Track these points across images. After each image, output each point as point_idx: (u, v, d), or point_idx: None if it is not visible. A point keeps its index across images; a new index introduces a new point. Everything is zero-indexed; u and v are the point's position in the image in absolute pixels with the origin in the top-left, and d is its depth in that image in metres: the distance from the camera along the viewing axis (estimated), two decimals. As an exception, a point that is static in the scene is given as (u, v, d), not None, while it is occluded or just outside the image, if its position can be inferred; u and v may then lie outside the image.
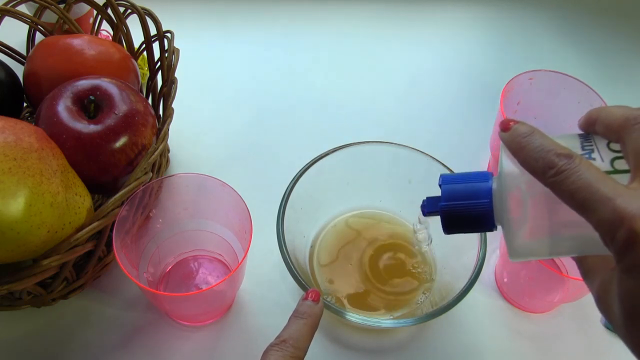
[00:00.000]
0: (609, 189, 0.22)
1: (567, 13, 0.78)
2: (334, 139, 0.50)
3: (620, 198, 0.21)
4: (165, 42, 0.51)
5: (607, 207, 0.21)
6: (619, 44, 0.75)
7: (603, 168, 0.25)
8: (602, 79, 0.69)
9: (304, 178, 0.46)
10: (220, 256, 0.49)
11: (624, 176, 0.24)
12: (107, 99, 0.43)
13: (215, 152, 0.58)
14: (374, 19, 0.74)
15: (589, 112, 0.27)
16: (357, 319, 0.40)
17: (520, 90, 0.54)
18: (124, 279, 0.47)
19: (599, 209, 0.22)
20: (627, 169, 0.24)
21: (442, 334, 0.48)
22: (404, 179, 0.50)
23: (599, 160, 0.26)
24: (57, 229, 0.37)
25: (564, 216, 0.25)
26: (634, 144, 0.23)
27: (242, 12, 0.73)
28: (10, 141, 0.35)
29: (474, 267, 0.42)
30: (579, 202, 0.23)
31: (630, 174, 0.24)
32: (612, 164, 0.25)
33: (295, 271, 0.41)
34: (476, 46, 0.72)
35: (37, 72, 0.47)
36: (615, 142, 0.26)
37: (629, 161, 0.24)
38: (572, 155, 0.24)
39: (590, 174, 0.23)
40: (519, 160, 0.26)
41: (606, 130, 0.26)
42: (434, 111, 0.64)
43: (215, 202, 0.43)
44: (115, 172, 0.42)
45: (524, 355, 0.47)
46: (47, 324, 0.46)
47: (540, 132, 0.26)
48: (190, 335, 0.46)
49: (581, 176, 0.23)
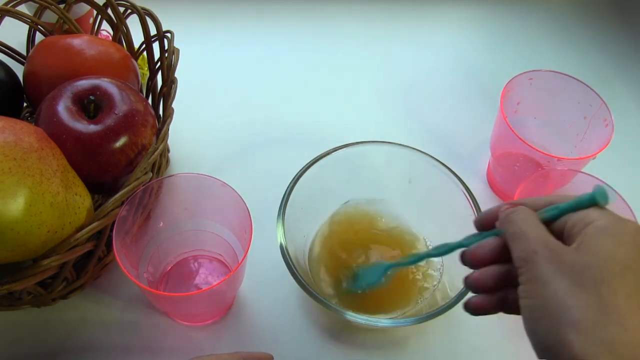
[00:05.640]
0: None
1: (567, 13, 0.78)
2: (333, 139, 0.50)
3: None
4: (165, 42, 0.51)
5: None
6: (619, 44, 0.75)
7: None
8: (602, 79, 0.69)
9: (304, 178, 0.46)
10: (220, 256, 0.49)
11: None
12: (107, 99, 0.43)
13: (215, 152, 0.58)
14: (374, 19, 0.74)
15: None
16: (357, 319, 0.40)
17: (520, 90, 0.54)
18: (124, 279, 0.47)
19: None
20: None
21: (442, 334, 0.48)
22: (404, 179, 0.50)
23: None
24: (57, 229, 0.37)
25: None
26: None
27: (242, 12, 0.73)
28: (10, 141, 0.35)
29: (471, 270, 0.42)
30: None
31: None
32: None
33: (295, 271, 0.41)
34: (476, 46, 0.72)
35: (37, 72, 0.47)
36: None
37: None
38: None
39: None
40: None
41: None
42: (434, 111, 0.64)
43: (215, 202, 0.43)
44: (115, 172, 0.42)
45: (524, 355, 0.47)
46: (47, 324, 0.46)
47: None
48: (190, 335, 0.46)
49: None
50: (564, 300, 0.26)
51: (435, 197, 0.49)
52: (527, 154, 0.51)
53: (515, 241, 0.29)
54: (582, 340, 0.25)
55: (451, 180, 0.47)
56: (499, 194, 0.57)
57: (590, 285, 0.26)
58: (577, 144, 0.54)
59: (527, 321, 0.28)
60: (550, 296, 0.26)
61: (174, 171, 0.56)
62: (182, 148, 0.58)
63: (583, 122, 0.53)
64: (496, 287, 0.32)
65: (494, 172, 0.57)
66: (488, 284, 0.32)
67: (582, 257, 0.27)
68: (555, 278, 0.27)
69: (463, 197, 0.46)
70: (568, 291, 0.26)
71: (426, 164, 0.48)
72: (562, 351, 0.25)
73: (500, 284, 0.31)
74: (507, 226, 0.30)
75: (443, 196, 0.48)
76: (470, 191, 0.46)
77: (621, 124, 0.52)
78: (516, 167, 0.54)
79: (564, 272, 0.27)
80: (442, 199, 0.48)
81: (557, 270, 0.27)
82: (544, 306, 0.27)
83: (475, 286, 0.32)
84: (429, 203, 0.50)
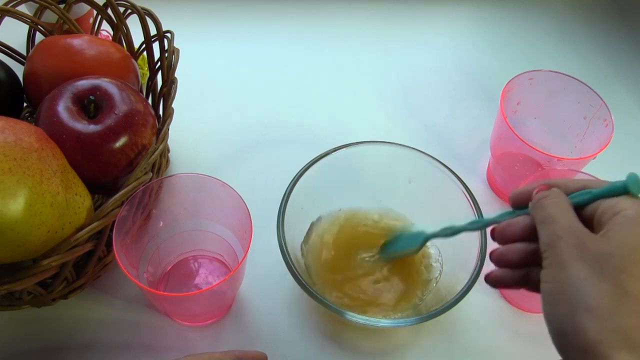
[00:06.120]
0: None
1: (567, 13, 0.78)
2: (333, 139, 0.50)
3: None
4: (165, 42, 0.51)
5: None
6: (619, 44, 0.75)
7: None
8: (602, 79, 0.69)
9: (304, 178, 0.46)
10: (220, 256, 0.49)
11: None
12: (107, 99, 0.43)
13: (215, 152, 0.58)
14: (374, 19, 0.74)
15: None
16: (357, 319, 0.40)
17: (520, 90, 0.54)
18: (124, 279, 0.47)
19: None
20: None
21: (442, 334, 0.48)
22: (404, 179, 0.50)
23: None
24: (57, 229, 0.37)
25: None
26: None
27: (242, 12, 0.73)
28: (10, 141, 0.35)
29: (474, 267, 0.42)
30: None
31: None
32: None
33: (296, 271, 0.41)
34: (476, 46, 0.72)
35: (37, 72, 0.47)
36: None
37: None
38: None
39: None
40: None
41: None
42: (434, 111, 0.64)
43: (215, 202, 0.43)
44: (115, 172, 0.42)
45: (524, 355, 0.47)
46: (47, 324, 0.46)
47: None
48: (190, 335, 0.46)
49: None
50: (583, 286, 0.26)
51: (436, 197, 0.49)
52: (527, 154, 0.51)
53: (543, 225, 0.30)
54: (597, 327, 0.25)
55: (451, 180, 0.47)
56: (499, 194, 0.57)
57: (611, 274, 0.26)
58: (577, 144, 0.54)
59: (545, 305, 0.28)
60: (570, 281, 0.27)
61: (174, 171, 0.56)
62: (182, 148, 0.58)
63: (583, 122, 0.53)
64: (520, 264, 0.32)
65: (494, 172, 0.57)
66: (513, 260, 0.32)
67: (606, 245, 0.27)
68: (577, 264, 0.27)
69: (463, 197, 0.46)
70: (588, 277, 0.26)
71: (426, 164, 0.48)
72: (577, 336, 0.26)
73: (525, 261, 0.32)
74: (538, 210, 0.31)
75: (443, 196, 0.48)
76: (470, 191, 0.46)
77: (621, 124, 0.52)
78: (516, 167, 0.54)
79: (586, 259, 0.27)
80: (442, 199, 0.48)
81: (579, 257, 0.27)
82: (563, 291, 0.27)
83: (500, 260, 0.33)
84: (429, 203, 0.50)
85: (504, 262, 0.33)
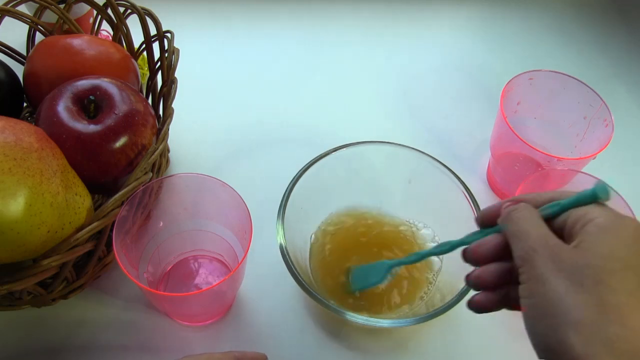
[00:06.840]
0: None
1: (567, 13, 0.78)
2: (333, 139, 0.50)
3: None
4: (165, 42, 0.51)
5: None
6: (619, 44, 0.75)
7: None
8: (602, 79, 0.69)
9: (304, 178, 0.46)
10: (220, 256, 0.49)
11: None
12: (107, 99, 0.43)
13: (215, 152, 0.58)
14: (374, 19, 0.74)
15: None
16: (357, 319, 0.40)
17: (520, 90, 0.54)
18: (124, 279, 0.47)
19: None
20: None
21: (442, 334, 0.48)
22: (404, 179, 0.50)
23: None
24: (57, 229, 0.37)
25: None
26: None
27: (242, 12, 0.73)
28: (10, 141, 0.35)
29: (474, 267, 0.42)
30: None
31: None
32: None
33: (295, 271, 0.41)
34: (476, 46, 0.72)
35: (37, 72, 0.47)
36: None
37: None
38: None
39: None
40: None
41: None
42: (434, 111, 0.64)
43: (215, 202, 0.43)
44: (115, 172, 0.42)
45: (524, 355, 0.47)
46: (47, 324, 0.46)
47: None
48: (190, 335, 0.46)
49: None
50: (564, 300, 0.26)
51: (435, 197, 0.49)
52: (527, 154, 0.51)
53: (516, 240, 0.30)
54: (582, 341, 0.25)
55: (451, 180, 0.47)
56: (499, 194, 0.57)
57: (590, 285, 0.26)
58: (577, 144, 0.54)
59: (527, 320, 0.28)
60: (550, 296, 0.27)
61: (174, 171, 0.56)
62: (182, 148, 0.58)
63: (583, 122, 0.53)
64: (498, 284, 0.32)
65: (494, 172, 0.57)
66: (489, 281, 0.32)
67: (581, 256, 0.27)
68: (555, 277, 0.27)
69: (463, 197, 0.46)
70: (567, 291, 0.26)
71: (426, 164, 0.48)
72: (563, 351, 0.25)
73: (502, 281, 0.31)
74: (509, 224, 0.31)
75: (443, 196, 0.48)
76: (470, 191, 0.46)
77: (621, 124, 0.52)
78: (516, 167, 0.54)
79: (563, 271, 0.27)
80: (442, 199, 0.48)
81: (556, 270, 0.27)
82: (544, 306, 0.27)
83: (477, 284, 0.32)
84: (429, 203, 0.50)
85: (481, 284, 0.32)
